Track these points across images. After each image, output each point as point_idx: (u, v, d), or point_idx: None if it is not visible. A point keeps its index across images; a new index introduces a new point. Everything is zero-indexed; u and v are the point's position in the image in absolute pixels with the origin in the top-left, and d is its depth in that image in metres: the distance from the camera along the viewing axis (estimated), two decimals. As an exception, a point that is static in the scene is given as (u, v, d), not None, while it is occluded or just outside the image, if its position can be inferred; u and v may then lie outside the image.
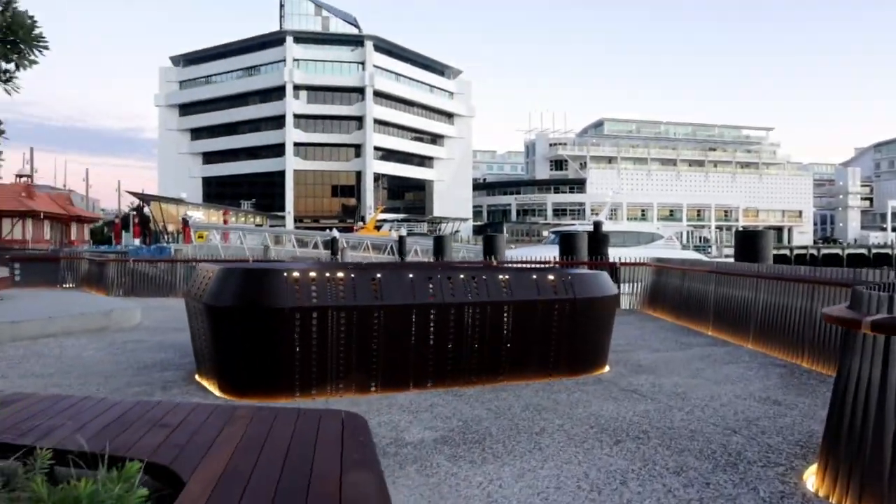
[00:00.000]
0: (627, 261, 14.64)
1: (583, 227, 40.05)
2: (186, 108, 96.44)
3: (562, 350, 6.90)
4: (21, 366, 8.09)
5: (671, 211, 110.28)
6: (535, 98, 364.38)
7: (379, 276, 6.39)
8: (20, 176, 44.42)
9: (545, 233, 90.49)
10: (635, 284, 14.21)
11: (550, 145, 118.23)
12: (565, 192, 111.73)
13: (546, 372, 6.88)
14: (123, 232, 53.02)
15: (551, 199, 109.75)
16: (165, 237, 55.25)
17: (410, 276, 6.50)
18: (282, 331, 6.05)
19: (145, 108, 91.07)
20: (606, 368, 7.45)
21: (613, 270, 15.11)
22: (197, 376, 7.19)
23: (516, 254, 30.40)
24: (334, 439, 3.32)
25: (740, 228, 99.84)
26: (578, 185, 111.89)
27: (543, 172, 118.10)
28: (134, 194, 64.44)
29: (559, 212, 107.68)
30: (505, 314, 6.64)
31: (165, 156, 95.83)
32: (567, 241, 19.03)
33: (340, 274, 6.29)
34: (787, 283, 8.16)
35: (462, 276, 6.66)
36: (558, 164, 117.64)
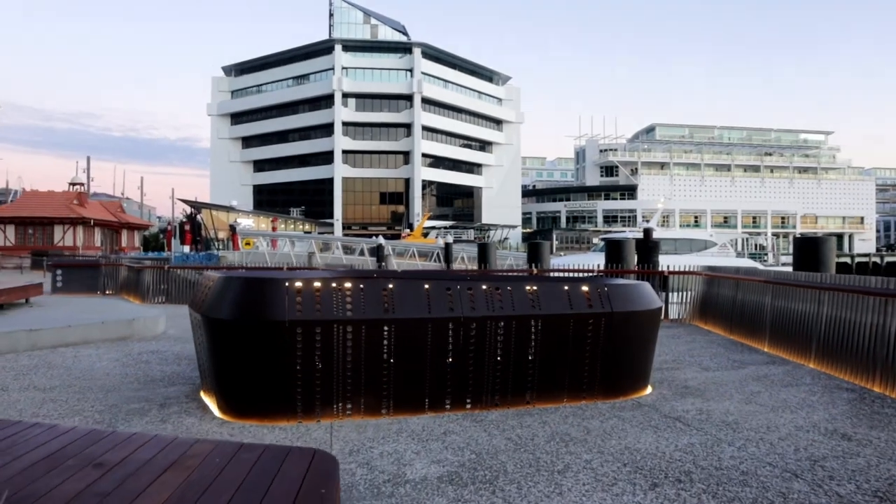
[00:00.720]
0: (677, 269, 13.75)
1: (633, 233, 38.96)
2: (238, 117, 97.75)
3: (596, 370, 6.16)
4: (27, 377, 7.71)
5: (725, 217, 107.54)
6: (586, 103, 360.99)
7: (391, 286, 5.77)
8: (73, 184, 45.24)
9: (595, 240, 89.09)
10: (686, 294, 13.32)
11: (601, 151, 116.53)
12: (616, 199, 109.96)
13: (578, 394, 6.16)
14: (173, 239, 53.57)
15: (602, 205, 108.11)
16: (216, 244, 55.78)
17: (426, 286, 5.85)
18: (281, 346, 5.47)
19: (200, 118, 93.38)
20: (648, 390, 6.68)
21: (663, 279, 14.27)
22: (202, 392, 6.67)
23: (562, 262, 29.60)
24: (288, 490, 2.69)
25: (798, 235, 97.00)
26: (629, 191, 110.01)
27: (594, 179, 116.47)
28: (185, 202, 65.28)
29: (610, 219, 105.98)
30: (532, 329, 5.94)
31: (217, 164, 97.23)
32: (614, 249, 18.16)
33: (348, 284, 5.68)
34: (856, 295, 7.26)
35: (484, 286, 5.99)
36: (609, 170, 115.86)
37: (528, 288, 6.06)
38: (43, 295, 15.81)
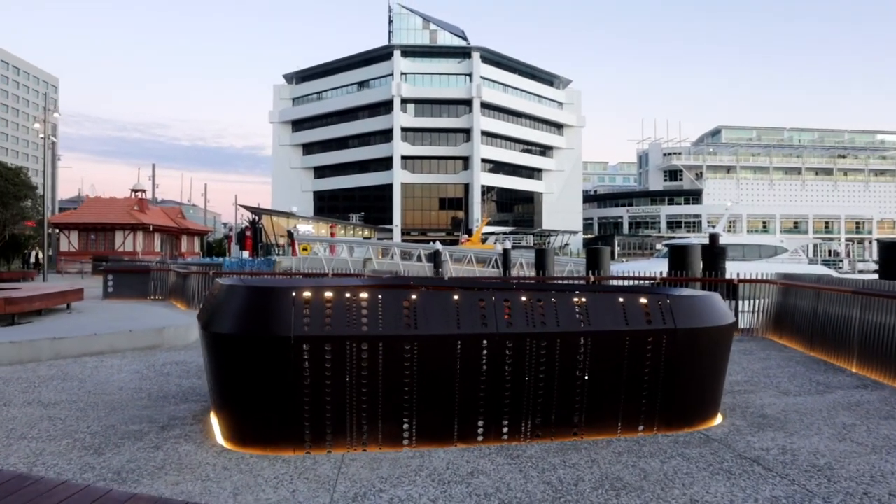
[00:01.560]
0: (746, 276, 12.60)
1: (698, 239, 37.30)
2: (298, 124, 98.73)
3: (657, 396, 5.24)
4: (36, 390, 7.22)
5: (795, 223, 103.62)
6: (648, 106, 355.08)
7: (414, 297, 4.97)
8: (135, 190, 46.01)
9: (658, 246, 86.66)
10: (757, 303, 12.16)
11: (664, 155, 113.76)
12: (680, 204, 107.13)
13: (635, 424, 5.24)
14: (233, 245, 54.01)
15: (665, 210, 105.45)
16: (276, 250, 56.03)
17: (455, 298, 5.04)
18: (286, 366, 4.74)
19: (265, 126, 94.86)
20: (717, 419, 5.70)
21: (731, 287, 13.14)
22: (212, 413, 6.00)
23: (622, 268, 28.36)
24: None
25: (873, 241, 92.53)
26: (694, 196, 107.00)
27: (657, 183, 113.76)
28: (246, 208, 65.82)
29: (674, 224, 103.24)
30: (581, 349, 5.07)
31: (279, 171, 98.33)
32: (678, 255, 16.99)
33: (364, 295, 4.91)
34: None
35: (524, 298, 5.14)
36: (673, 174, 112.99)
37: (575, 300, 5.19)
38: (84, 300, 15.58)
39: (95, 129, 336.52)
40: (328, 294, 4.86)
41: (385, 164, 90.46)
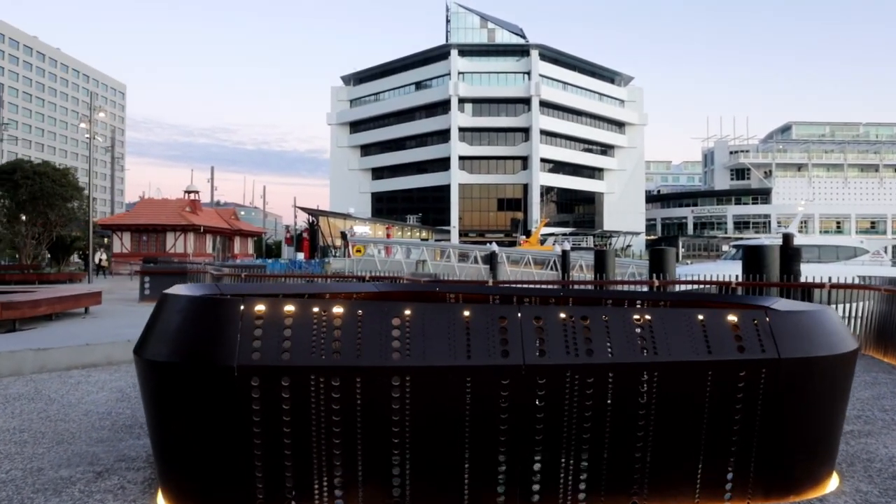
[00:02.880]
0: (823, 280, 10.85)
1: (770, 240, 35.02)
2: (356, 126, 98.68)
3: (750, 453, 3.73)
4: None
5: (872, 223, 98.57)
6: (714, 103, 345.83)
7: (408, 313, 3.60)
8: (188, 192, 45.96)
9: (725, 247, 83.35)
10: (844, 310, 10.43)
11: (731, 153, 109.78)
12: (747, 204, 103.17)
13: (719, 493, 3.75)
14: (286, 246, 53.67)
15: (732, 210, 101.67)
16: (333, 252, 55.67)
17: (465, 314, 3.65)
18: (229, 406, 3.43)
19: (325, 129, 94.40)
20: (833, 482, 4.10)
21: (807, 294, 11.54)
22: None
23: (689, 271, 26.44)
24: None
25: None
26: (762, 195, 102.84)
27: (723, 182, 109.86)
28: (304, 209, 65.78)
29: (741, 224, 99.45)
30: (643, 387, 3.61)
31: (337, 172, 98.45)
32: (753, 256, 15.27)
33: (339, 310, 3.57)
34: None
35: (563, 315, 3.70)
36: (739, 173, 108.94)
37: (636, 317, 3.73)
38: (113, 304, 14.72)
39: (164, 135, 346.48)
40: (288, 308, 3.53)
41: (443, 164, 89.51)
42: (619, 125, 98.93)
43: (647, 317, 3.72)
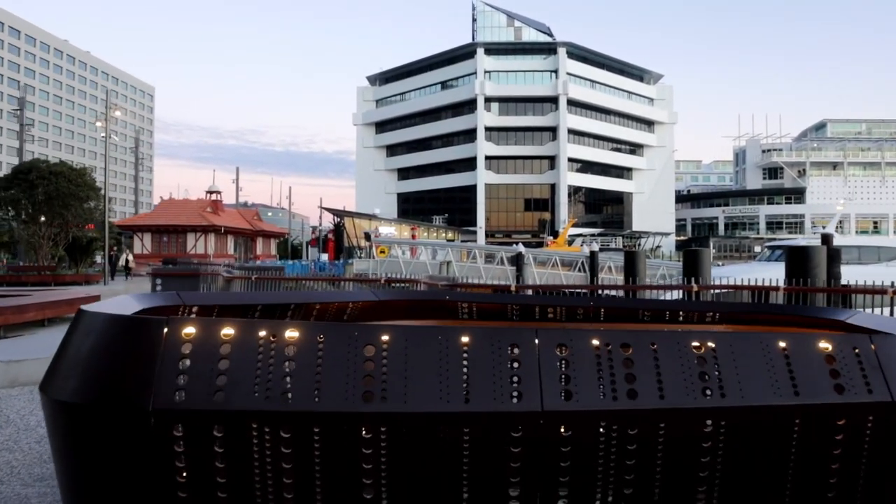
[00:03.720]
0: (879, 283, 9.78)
1: (806, 241, 33.58)
2: (382, 126, 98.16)
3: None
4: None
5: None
6: (745, 101, 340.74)
7: (386, 338, 2.69)
8: (209, 192, 45.53)
9: (757, 248, 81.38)
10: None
11: (763, 152, 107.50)
12: (780, 204, 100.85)
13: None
14: (310, 247, 53.13)
15: (764, 210, 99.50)
16: (358, 253, 55.08)
17: (465, 339, 2.73)
18: (146, 461, 2.57)
19: (352, 129, 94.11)
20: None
21: (844, 298, 10.58)
22: None
23: (723, 273, 25.22)
24: None
25: None
26: (796, 194, 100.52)
27: (755, 182, 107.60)
28: (329, 210, 65.31)
29: (773, 225, 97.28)
30: (704, 442, 2.66)
31: (363, 173, 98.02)
32: (797, 258, 14.11)
33: (294, 334, 2.68)
34: None
35: (596, 341, 2.77)
36: (772, 172, 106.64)
37: (695, 344, 2.79)
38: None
39: (194, 137, 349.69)
40: (227, 332, 2.65)
41: (469, 164, 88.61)
42: (649, 124, 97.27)
43: (711, 344, 2.79)
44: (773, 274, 22.04)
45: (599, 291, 15.59)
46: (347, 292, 8.79)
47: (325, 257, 52.23)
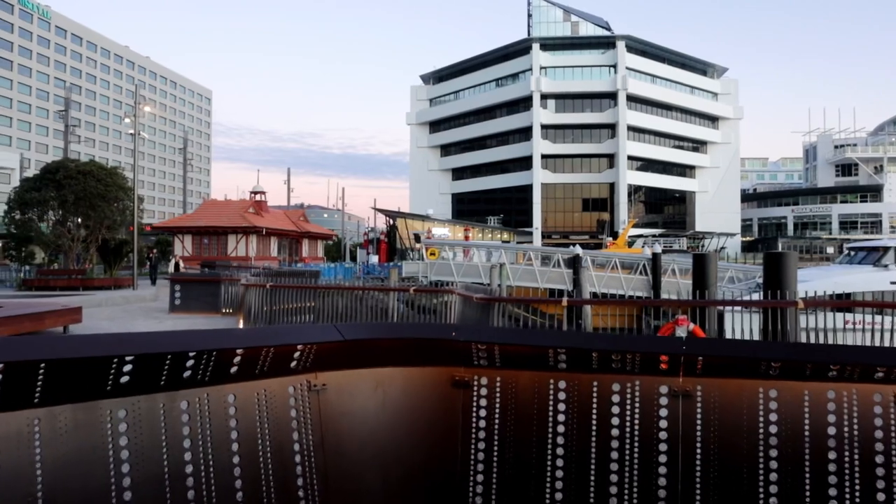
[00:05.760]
0: None
1: (891, 241, 30.48)
2: (435, 125, 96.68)
3: None
4: None
5: None
6: (817, 95, 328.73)
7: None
8: (254, 192, 44.38)
9: (830, 249, 76.94)
10: None
11: (836, 147, 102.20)
12: (854, 202, 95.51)
13: None
14: (359, 249, 51.70)
15: (837, 209, 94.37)
16: (411, 254, 53.68)
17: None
18: None
19: (407, 130, 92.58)
20: None
21: None
22: None
23: (803, 276, 22.46)
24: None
25: None
26: (872, 192, 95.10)
27: (826, 179, 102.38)
28: (381, 211, 64.04)
29: (847, 225, 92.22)
30: None
31: (417, 173, 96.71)
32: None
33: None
34: None
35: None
36: (845, 169, 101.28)
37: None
38: (112, 319, 12.35)
39: (255, 141, 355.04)
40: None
41: (525, 163, 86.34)
42: (712, 119, 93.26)
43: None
44: (860, 277, 19.24)
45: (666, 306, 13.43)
46: (298, 328, 6.82)
47: (374, 259, 50.73)
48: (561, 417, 3.42)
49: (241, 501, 3.18)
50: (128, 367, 2.77)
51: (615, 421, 3.39)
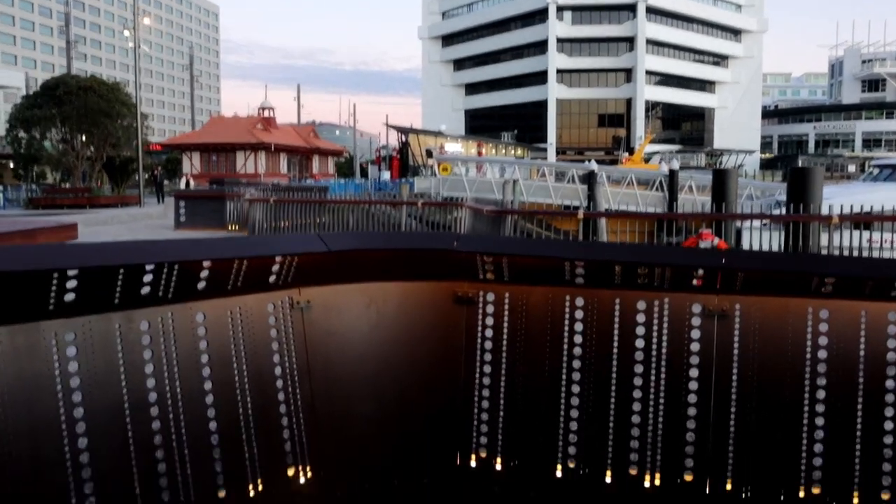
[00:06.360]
0: None
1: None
2: (448, 39, 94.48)
3: None
4: None
5: None
6: (845, 7, 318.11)
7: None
8: (262, 108, 43.60)
9: (851, 167, 75.43)
10: None
11: (863, 62, 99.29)
12: (880, 119, 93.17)
13: None
14: (371, 166, 51.24)
15: (861, 126, 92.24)
16: (423, 171, 53.29)
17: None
18: None
19: (418, 45, 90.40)
20: None
21: None
22: None
23: (834, 192, 21.77)
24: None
25: None
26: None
27: (852, 96, 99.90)
28: (394, 127, 63.36)
29: (871, 143, 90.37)
30: None
31: (429, 89, 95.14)
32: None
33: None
34: None
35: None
36: (872, 84, 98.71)
37: None
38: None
39: (266, 58, 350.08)
40: None
41: (540, 78, 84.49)
42: (735, 33, 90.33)
43: None
44: (885, 195, 18.54)
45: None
46: (276, 238, 6.41)
47: (386, 176, 50.29)
48: (578, 339, 3.02)
49: (215, 433, 2.83)
50: (72, 283, 2.34)
51: (639, 344, 2.99)
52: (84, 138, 26.60)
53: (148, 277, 2.53)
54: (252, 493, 2.89)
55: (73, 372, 2.45)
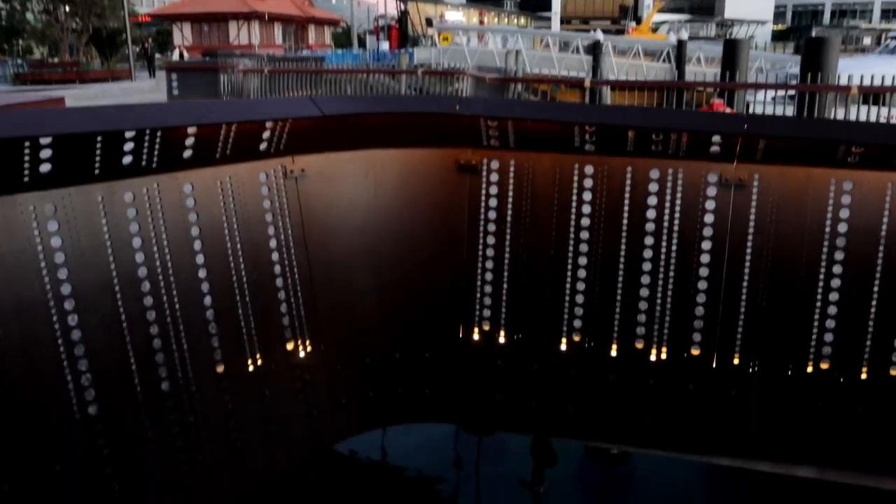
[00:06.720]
0: None
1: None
2: None
3: None
4: None
5: None
6: None
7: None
8: (255, -27, 41.90)
9: (867, 39, 73.14)
10: None
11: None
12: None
13: None
14: (369, 36, 49.76)
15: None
16: (423, 41, 52.01)
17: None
18: None
19: None
20: None
21: None
22: None
23: (847, 65, 21.10)
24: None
25: None
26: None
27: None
28: (391, -6, 61.14)
29: (890, 14, 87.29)
30: None
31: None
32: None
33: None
34: None
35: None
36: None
37: None
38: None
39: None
40: None
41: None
42: None
43: None
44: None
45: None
46: (265, 102, 6.18)
47: (385, 46, 48.97)
48: (586, 209, 2.88)
49: (210, 308, 2.75)
50: (46, 153, 2.17)
51: (651, 214, 2.85)
52: (67, 9, 25.59)
53: (129, 146, 2.36)
54: (251, 368, 2.85)
55: (57, 247, 2.33)
